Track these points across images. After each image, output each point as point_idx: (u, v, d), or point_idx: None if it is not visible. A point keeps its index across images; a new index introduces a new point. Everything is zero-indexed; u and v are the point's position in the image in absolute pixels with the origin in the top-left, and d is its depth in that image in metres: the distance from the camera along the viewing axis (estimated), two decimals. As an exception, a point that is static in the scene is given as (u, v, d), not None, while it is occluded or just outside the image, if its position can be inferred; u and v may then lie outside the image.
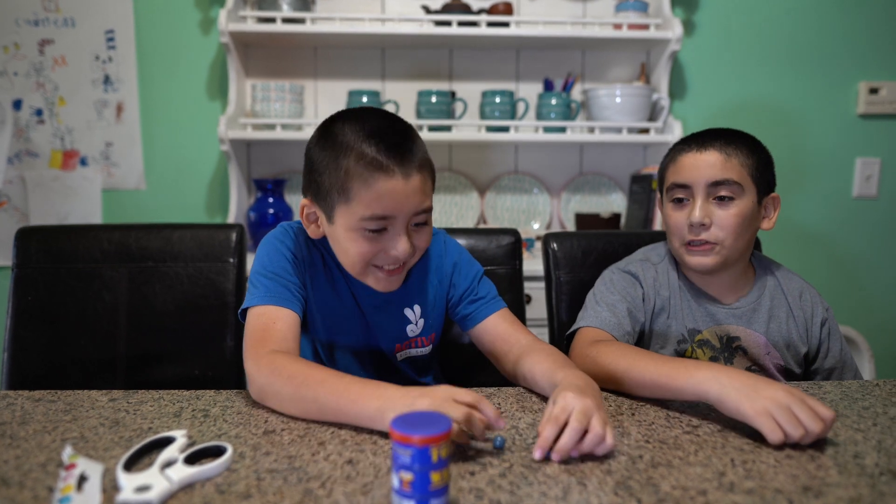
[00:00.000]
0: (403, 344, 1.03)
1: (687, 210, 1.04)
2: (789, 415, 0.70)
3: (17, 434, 0.73)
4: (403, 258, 0.90)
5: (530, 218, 2.31)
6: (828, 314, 1.11)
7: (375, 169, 0.84)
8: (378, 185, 0.84)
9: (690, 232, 1.03)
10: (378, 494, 0.60)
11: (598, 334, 1.02)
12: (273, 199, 2.10)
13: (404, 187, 0.85)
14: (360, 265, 0.91)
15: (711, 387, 0.76)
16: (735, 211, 1.02)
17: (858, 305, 2.36)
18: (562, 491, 0.61)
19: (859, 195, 2.33)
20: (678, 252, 1.07)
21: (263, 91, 2.04)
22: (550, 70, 2.26)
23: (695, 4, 2.25)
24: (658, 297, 1.10)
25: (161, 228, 1.26)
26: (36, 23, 2.13)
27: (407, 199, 0.86)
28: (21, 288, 1.21)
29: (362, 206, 0.85)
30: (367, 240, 0.88)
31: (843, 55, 2.28)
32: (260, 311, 0.89)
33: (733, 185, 1.01)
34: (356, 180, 0.85)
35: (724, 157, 1.02)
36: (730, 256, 1.04)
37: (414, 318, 1.03)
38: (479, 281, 1.06)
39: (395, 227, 0.88)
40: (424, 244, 0.93)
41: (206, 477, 0.62)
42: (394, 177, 0.84)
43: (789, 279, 1.13)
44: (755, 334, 1.08)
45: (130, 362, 1.22)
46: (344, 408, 0.74)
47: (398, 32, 2.04)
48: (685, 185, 1.04)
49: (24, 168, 2.18)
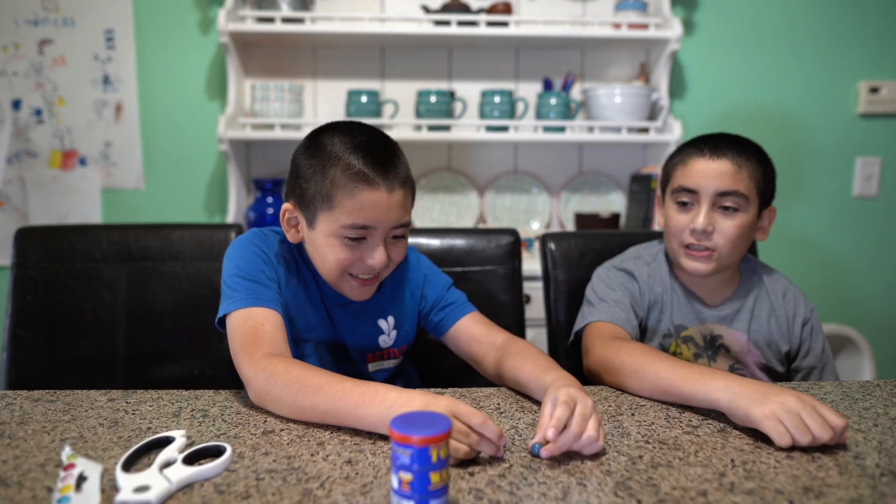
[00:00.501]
0: (375, 355, 1.04)
1: (691, 214, 1.05)
2: (797, 420, 0.69)
3: (16, 434, 0.73)
4: (379, 268, 0.92)
5: (530, 218, 2.31)
6: (811, 315, 1.13)
7: (361, 180, 0.87)
8: (362, 195, 0.87)
9: (692, 236, 1.05)
10: (377, 495, 0.60)
11: (614, 329, 1.04)
12: (272, 199, 2.09)
13: (387, 200, 0.88)
14: (337, 272, 0.92)
15: (723, 395, 0.76)
16: (738, 222, 1.04)
17: (857, 305, 2.36)
18: (561, 491, 0.61)
19: (859, 195, 2.33)
20: (676, 253, 1.09)
21: (263, 91, 2.04)
22: (550, 70, 2.26)
23: (694, 4, 2.25)
24: (651, 293, 1.12)
25: (160, 228, 1.26)
26: (35, 23, 2.13)
27: (388, 212, 0.89)
28: (20, 288, 1.21)
29: (345, 214, 0.88)
30: (346, 247, 0.90)
31: (843, 54, 2.28)
32: (245, 313, 0.87)
33: (740, 197, 1.03)
34: (341, 190, 0.87)
35: (735, 167, 1.03)
36: (724, 264, 1.06)
37: (387, 328, 1.04)
38: (448, 289, 1.08)
39: (374, 238, 0.91)
40: (399, 257, 0.96)
41: (205, 477, 0.62)
42: (378, 189, 0.87)
43: (774, 280, 1.15)
44: (737, 333, 1.10)
45: (129, 362, 1.21)
46: (343, 414, 0.73)
47: (397, 32, 2.04)
48: (693, 190, 1.05)
49: (23, 168, 2.18)
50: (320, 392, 0.75)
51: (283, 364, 0.80)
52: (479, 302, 1.24)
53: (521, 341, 0.98)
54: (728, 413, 0.76)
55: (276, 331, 0.86)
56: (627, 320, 1.06)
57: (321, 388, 0.75)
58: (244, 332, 0.85)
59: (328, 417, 0.75)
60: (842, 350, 2.28)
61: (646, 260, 1.15)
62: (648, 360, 0.88)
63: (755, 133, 1.10)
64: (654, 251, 1.17)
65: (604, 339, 1.00)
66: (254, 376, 0.80)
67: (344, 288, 0.96)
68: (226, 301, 0.90)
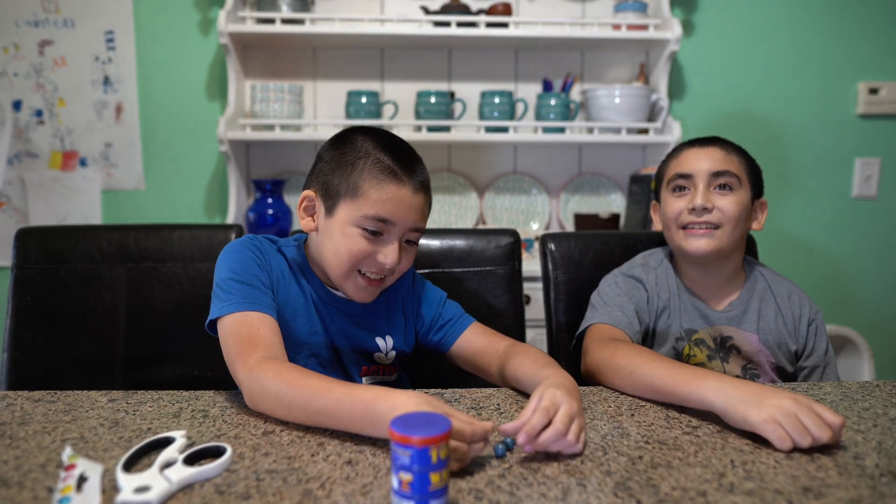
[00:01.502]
0: (370, 369, 1.03)
1: (688, 197, 1.09)
2: (796, 423, 0.69)
3: (16, 434, 0.73)
4: (390, 267, 0.92)
5: (529, 218, 2.31)
6: (816, 316, 1.14)
7: (389, 174, 0.90)
8: (389, 189, 0.90)
9: (691, 215, 1.07)
10: (377, 495, 0.60)
11: (613, 332, 1.04)
12: (272, 200, 2.10)
13: (410, 199, 0.91)
14: (347, 264, 0.92)
15: (717, 397, 0.76)
16: (735, 199, 1.08)
17: (857, 305, 2.36)
18: (561, 492, 0.61)
19: (859, 195, 2.33)
20: (676, 238, 1.10)
21: (262, 92, 2.04)
22: (549, 70, 2.26)
23: (694, 5, 2.25)
24: (659, 299, 1.13)
25: (160, 229, 1.26)
26: (36, 24, 2.13)
27: (409, 211, 0.91)
28: (20, 288, 1.21)
29: (368, 204, 0.89)
30: (363, 239, 0.91)
31: (842, 55, 2.28)
32: (240, 318, 0.86)
33: (733, 176, 1.08)
34: (369, 181, 0.90)
35: (724, 153, 1.10)
36: (726, 245, 1.08)
37: (385, 347, 1.03)
38: (443, 305, 1.07)
39: (391, 235, 0.92)
40: (407, 265, 0.96)
41: (206, 478, 0.62)
42: (404, 186, 0.90)
43: (778, 282, 1.16)
44: (747, 334, 1.11)
45: (129, 363, 1.22)
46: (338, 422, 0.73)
47: (397, 33, 2.04)
48: (688, 174, 1.09)
49: (23, 169, 2.18)
50: (314, 401, 0.74)
51: (278, 368, 0.78)
52: (478, 303, 1.24)
53: (524, 344, 0.98)
54: (723, 415, 0.76)
55: (271, 335, 0.86)
56: (629, 324, 1.06)
57: (314, 397, 0.74)
58: (240, 336, 0.84)
59: (324, 423, 0.74)
60: (841, 351, 2.29)
61: (652, 266, 1.16)
62: (643, 362, 0.88)
63: (754, 133, 1.12)
64: (659, 257, 1.18)
65: (601, 341, 1.00)
66: (248, 380, 0.79)
67: (349, 287, 0.95)
68: (218, 304, 0.88)
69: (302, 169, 2.25)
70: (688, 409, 0.83)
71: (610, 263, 1.25)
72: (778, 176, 2.28)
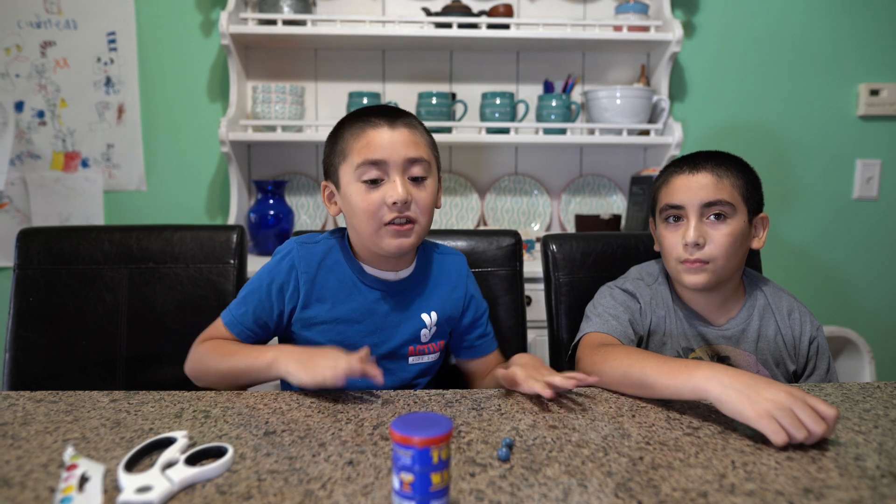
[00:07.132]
0: (417, 349, 1.06)
1: (681, 230, 1.06)
2: (791, 416, 0.70)
3: (18, 435, 0.73)
4: (402, 201, 0.94)
5: (530, 219, 2.31)
6: (818, 333, 1.12)
7: (364, 122, 0.97)
8: (366, 134, 0.96)
9: (685, 251, 1.05)
10: (378, 496, 0.60)
11: (604, 338, 1.04)
12: (273, 201, 2.10)
13: (390, 135, 0.96)
14: (370, 222, 0.96)
15: (712, 386, 0.76)
16: (728, 230, 1.03)
17: (857, 306, 2.36)
18: (562, 492, 0.61)
19: (860, 197, 2.33)
20: (675, 270, 1.08)
21: (264, 93, 2.05)
22: (550, 72, 2.27)
23: (695, 6, 2.26)
24: (654, 315, 1.11)
25: (162, 230, 1.27)
26: (38, 24, 2.14)
27: (394, 146, 0.95)
28: (22, 289, 1.21)
29: (355, 155, 0.96)
30: (368, 189, 0.95)
31: (843, 57, 2.28)
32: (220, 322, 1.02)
33: (725, 205, 1.03)
34: (349, 138, 0.97)
35: (715, 178, 1.04)
36: (722, 275, 1.05)
37: (430, 322, 1.06)
38: (484, 315, 1.14)
39: (390, 175, 0.95)
40: (426, 200, 0.98)
41: (207, 478, 0.63)
42: (379, 127, 0.96)
43: (779, 298, 1.13)
44: (745, 353, 1.09)
45: (131, 363, 1.22)
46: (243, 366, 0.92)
47: (398, 34, 2.04)
48: (679, 205, 1.06)
49: (25, 170, 2.18)
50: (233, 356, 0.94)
51: (213, 341, 0.98)
52: (479, 303, 1.24)
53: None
54: (716, 404, 0.76)
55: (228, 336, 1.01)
56: (623, 332, 1.05)
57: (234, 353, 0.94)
58: (207, 331, 1.02)
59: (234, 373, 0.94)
60: (842, 352, 2.28)
61: (647, 282, 1.14)
62: (634, 362, 0.88)
63: (755, 135, 1.10)
64: (654, 273, 1.16)
65: (592, 348, 1.00)
66: (191, 352, 0.99)
67: (383, 243, 0.97)
68: (233, 303, 1.02)
69: (303, 170, 2.25)
70: (688, 410, 0.83)
71: (611, 264, 1.25)
72: (778, 177, 2.28)
